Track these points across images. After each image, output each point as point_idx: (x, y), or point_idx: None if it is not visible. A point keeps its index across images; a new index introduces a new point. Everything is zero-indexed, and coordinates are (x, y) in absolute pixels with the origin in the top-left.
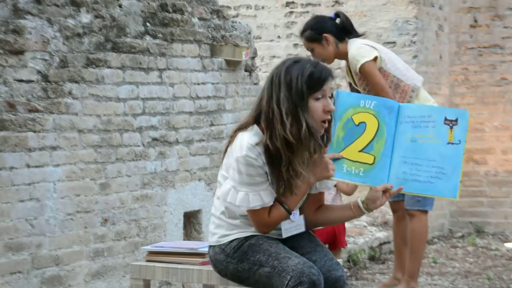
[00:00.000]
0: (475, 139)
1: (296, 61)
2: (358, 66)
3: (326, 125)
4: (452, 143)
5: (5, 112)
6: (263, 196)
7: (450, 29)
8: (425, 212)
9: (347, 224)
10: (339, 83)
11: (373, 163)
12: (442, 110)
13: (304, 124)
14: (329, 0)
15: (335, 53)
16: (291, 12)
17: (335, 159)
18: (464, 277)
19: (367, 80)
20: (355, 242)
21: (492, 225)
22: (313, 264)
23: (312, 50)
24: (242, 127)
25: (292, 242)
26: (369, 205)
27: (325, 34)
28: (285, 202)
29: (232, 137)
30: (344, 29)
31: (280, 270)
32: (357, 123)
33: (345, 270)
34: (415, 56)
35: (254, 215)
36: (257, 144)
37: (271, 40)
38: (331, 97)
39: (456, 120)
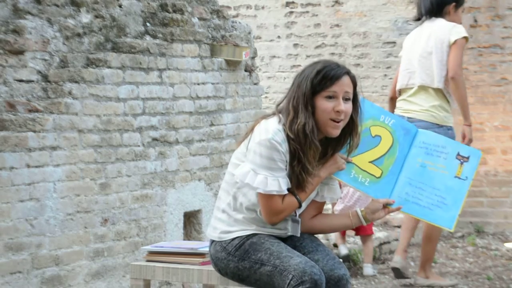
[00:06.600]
0: (475, 139)
1: (318, 61)
2: None
3: (339, 124)
4: (459, 178)
5: (5, 112)
6: (281, 183)
7: None
8: None
9: None
10: None
11: (379, 177)
12: (457, 145)
13: (299, 121)
14: (329, 0)
15: None
16: (291, 12)
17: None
18: (464, 277)
19: None
20: (355, 242)
21: (492, 225)
22: (315, 264)
23: None
24: (267, 116)
25: (294, 242)
26: (368, 215)
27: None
28: (297, 193)
29: (255, 123)
30: None
31: (282, 269)
32: (373, 135)
33: None
34: None
35: (267, 201)
36: (283, 130)
37: (271, 40)
38: (350, 99)
39: (467, 158)
